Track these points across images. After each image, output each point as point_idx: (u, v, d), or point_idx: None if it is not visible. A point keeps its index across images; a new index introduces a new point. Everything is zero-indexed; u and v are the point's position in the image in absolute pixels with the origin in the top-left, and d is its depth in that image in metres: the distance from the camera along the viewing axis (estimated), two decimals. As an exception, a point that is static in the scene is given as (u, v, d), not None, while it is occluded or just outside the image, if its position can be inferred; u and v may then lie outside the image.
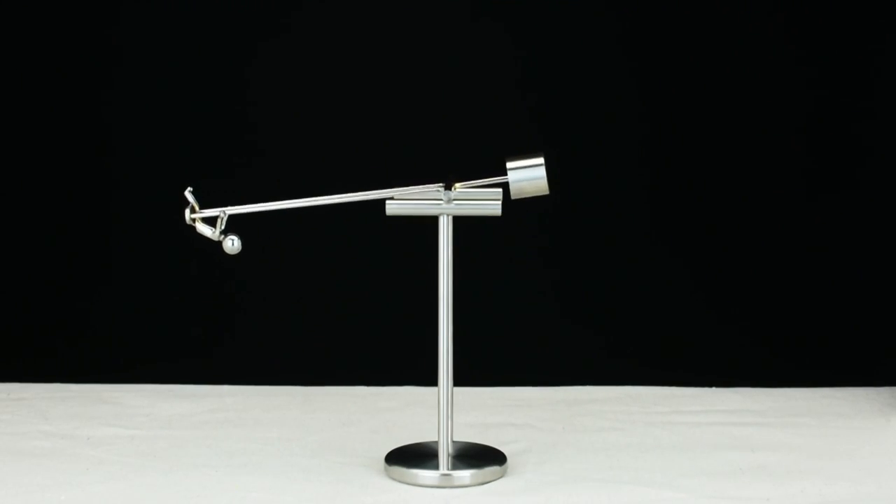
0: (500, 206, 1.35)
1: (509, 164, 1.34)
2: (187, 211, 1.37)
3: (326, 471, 1.39)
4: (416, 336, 1.55)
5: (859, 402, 1.63)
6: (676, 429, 1.53)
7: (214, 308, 1.71)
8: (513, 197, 1.34)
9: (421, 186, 1.35)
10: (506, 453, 1.40)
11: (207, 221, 1.37)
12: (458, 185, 1.35)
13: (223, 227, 1.36)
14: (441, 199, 1.34)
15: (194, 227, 1.37)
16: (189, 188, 1.36)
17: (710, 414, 1.59)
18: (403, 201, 1.36)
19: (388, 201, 1.36)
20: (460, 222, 1.37)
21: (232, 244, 1.36)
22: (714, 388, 1.69)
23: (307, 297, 1.71)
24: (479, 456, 1.39)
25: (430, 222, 1.37)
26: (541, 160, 1.34)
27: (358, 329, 1.70)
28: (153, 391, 1.67)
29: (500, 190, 1.36)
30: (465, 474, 1.35)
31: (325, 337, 1.71)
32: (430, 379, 1.40)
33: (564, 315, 1.70)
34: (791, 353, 1.70)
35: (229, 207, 1.37)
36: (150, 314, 1.71)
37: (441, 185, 1.35)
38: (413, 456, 1.39)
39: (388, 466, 1.37)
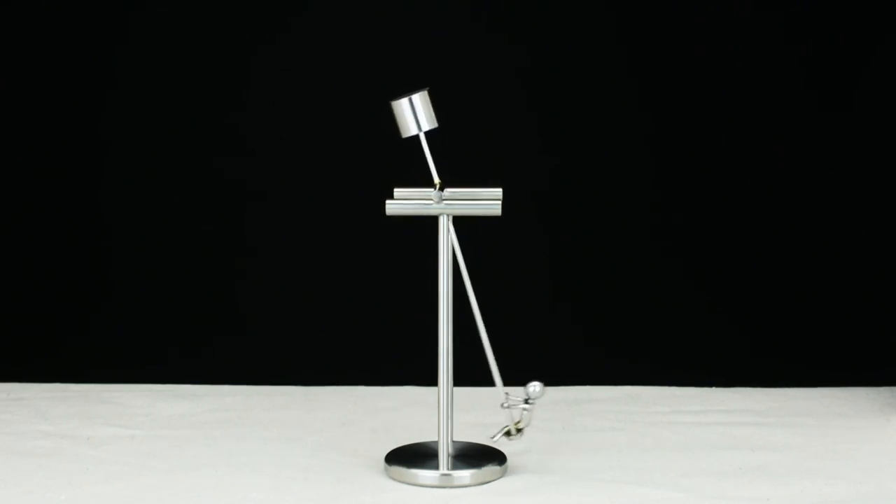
0: (499, 206, 1.35)
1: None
2: (514, 438, 1.37)
3: (326, 471, 1.39)
4: (416, 336, 1.55)
5: (859, 402, 1.63)
6: (676, 429, 1.53)
7: (214, 308, 1.71)
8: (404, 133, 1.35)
9: (417, 190, 1.35)
10: (506, 453, 1.40)
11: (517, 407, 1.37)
12: (446, 189, 1.35)
13: (521, 399, 1.36)
14: (431, 200, 1.34)
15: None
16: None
17: (710, 414, 1.59)
18: (403, 201, 1.36)
19: (388, 201, 1.36)
20: (460, 222, 1.37)
21: (535, 390, 1.35)
22: (714, 388, 1.69)
23: (307, 297, 1.71)
24: (479, 456, 1.39)
25: (430, 222, 1.37)
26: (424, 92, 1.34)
27: (358, 329, 1.70)
28: (153, 391, 1.67)
29: (500, 190, 1.36)
30: (465, 474, 1.35)
31: (325, 337, 1.71)
32: (430, 379, 1.40)
33: (564, 315, 1.70)
34: (791, 353, 1.70)
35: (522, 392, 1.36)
36: (149, 314, 1.71)
37: (432, 188, 1.35)
38: (413, 456, 1.39)
39: (388, 466, 1.37)
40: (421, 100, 1.34)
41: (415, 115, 1.34)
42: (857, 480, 1.35)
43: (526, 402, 1.36)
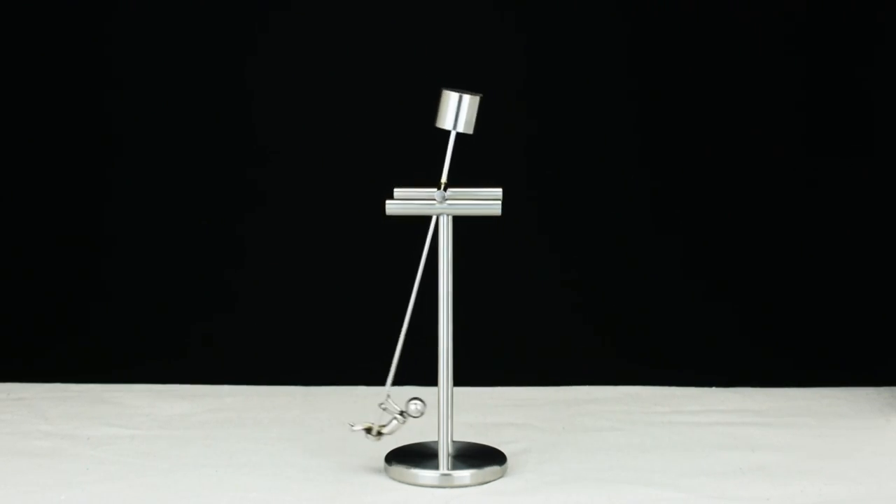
0: (499, 206, 1.35)
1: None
2: (371, 438, 1.37)
3: (326, 471, 1.38)
4: (415, 336, 1.55)
5: (859, 402, 1.63)
6: (676, 429, 1.53)
7: (214, 308, 1.71)
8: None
9: (417, 190, 1.35)
10: (506, 453, 1.40)
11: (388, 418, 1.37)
12: (449, 189, 1.35)
13: (398, 410, 1.36)
14: (434, 200, 1.34)
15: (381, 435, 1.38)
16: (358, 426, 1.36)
17: (710, 414, 1.59)
18: (403, 201, 1.36)
19: (388, 202, 1.36)
20: (460, 222, 1.37)
21: (416, 408, 1.36)
22: (714, 388, 1.69)
23: (307, 298, 1.71)
24: (479, 456, 1.39)
25: (431, 222, 1.37)
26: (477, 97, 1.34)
27: (358, 329, 1.70)
28: (153, 391, 1.67)
29: (500, 190, 1.36)
30: (465, 474, 1.35)
31: (325, 337, 1.71)
32: (430, 379, 1.40)
33: (565, 315, 1.70)
34: (791, 353, 1.69)
35: (387, 401, 1.37)
36: (149, 314, 1.71)
37: (435, 188, 1.35)
38: (413, 456, 1.39)
39: (388, 466, 1.37)
40: (470, 102, 1.34)
41: (457, 112, 1.34)
42: (857, 480, 1.35)
43: (402, 414, 1.37)
